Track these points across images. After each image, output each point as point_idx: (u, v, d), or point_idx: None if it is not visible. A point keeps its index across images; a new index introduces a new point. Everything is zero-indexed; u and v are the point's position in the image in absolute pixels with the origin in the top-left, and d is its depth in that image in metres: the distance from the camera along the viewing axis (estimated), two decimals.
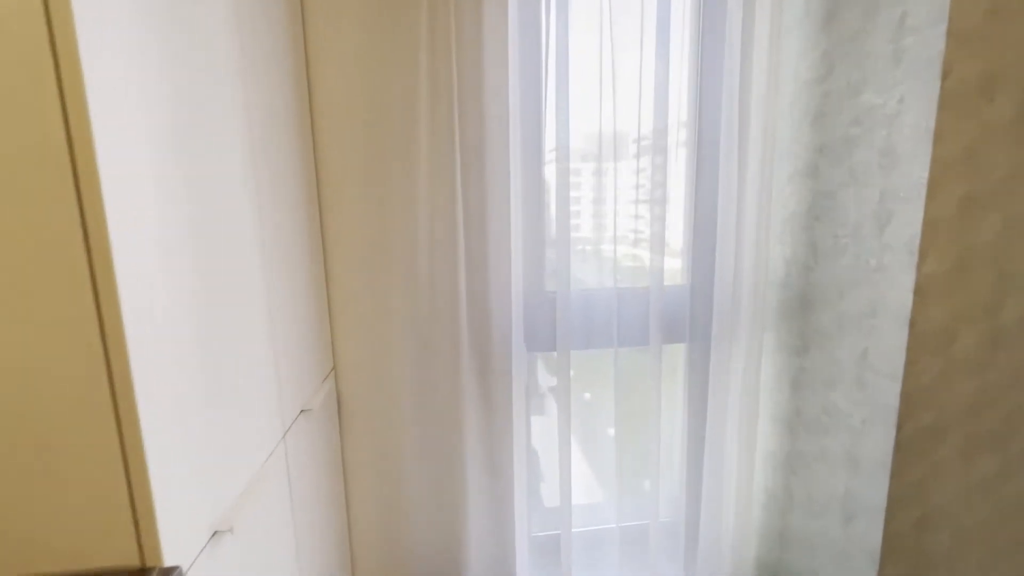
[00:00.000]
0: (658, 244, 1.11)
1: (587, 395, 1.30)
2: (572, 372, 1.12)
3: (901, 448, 0.89)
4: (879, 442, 0.92)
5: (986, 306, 0.87)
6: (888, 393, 0.89)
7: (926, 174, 0.80)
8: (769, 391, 1.21)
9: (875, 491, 0.93)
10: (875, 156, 0.89)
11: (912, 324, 0.85)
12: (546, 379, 1.28)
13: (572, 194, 1.07)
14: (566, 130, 1.03)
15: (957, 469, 0.92)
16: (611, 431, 1.23)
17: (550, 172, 1.07)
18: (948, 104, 0.78)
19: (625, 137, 1.11)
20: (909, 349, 0.85)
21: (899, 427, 0.88)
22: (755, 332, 1.16)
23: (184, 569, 0.45)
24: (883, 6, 0.86)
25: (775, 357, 1.18)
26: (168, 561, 0.43)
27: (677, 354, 1.25)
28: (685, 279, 1.21)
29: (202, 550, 0.50)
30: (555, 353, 1.11)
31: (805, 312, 1.08)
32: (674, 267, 1.21)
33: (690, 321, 1.20)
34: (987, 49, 0.78)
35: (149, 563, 0.42)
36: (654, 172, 1.10)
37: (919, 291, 0.84)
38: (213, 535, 0.53)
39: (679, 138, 1.11)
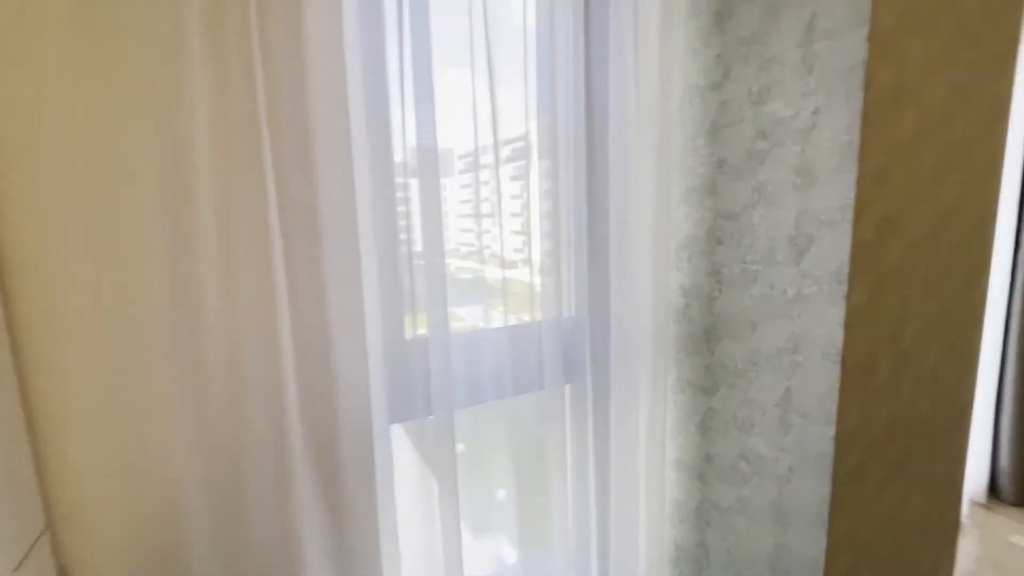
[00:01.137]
0: (551, 270, 0.89)
1: (474, 460, 1.02)
2: (456, 439, 0.82)
3: (837, 496, 0.80)
4: (811, 491, 0.82)
5: (893, 333, 0.82)
6: (820, 437, 0.79)
7: (852, 194, 0.71)
8: (673, 434, 1.08)
9: (811, 545, 0.83)
10: (788, 174, 0.79)
11: (843, 361, 0.75)
12: (420, 456, 0.96)
13: (444, 209, 0.78)
14: (431, 134, 0.74)
15: (875, 504, 0.87)
16: (505, 493, 0.98)
17: (409, 186, 0.77)
18: (868, 117, 0.70)
19: (500, 144, 0.87)
20: (842, 389, 0.76)
21: (834, 476, 0.79)
22: (659, 369, 1.01)
23: None
24: (788, 6, 0.76)
25: (679, 397, 1.05)
26: None
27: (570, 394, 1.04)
28: (578, 310, 1.01)
29: None
30: (431, 418, 0.81)
31: (711, 347, 0.96)
32: (567, 295, 1.01)
33: (591, 357, 1.00)
34: (898, 58, 0.72)
35: None
36: (541, 183, 0.88)
37: (848, 324, 0.75)
38: None
39: (570, 146, 0.90)
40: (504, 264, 0.86)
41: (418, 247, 0.77)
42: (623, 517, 1.02)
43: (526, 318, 0.92)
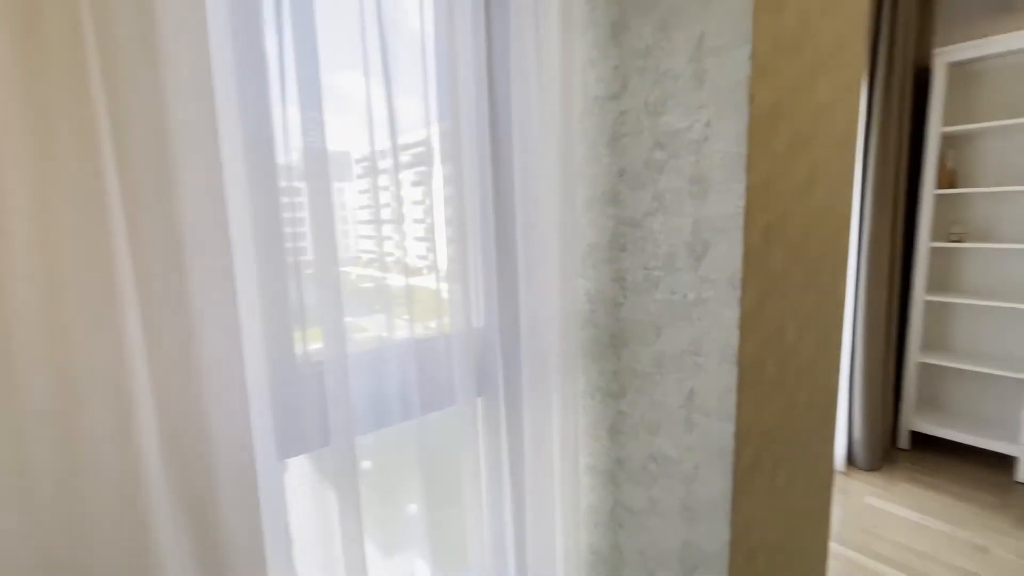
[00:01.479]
0: (458, 279, 0.85)
1: (383, 477, 0.94)
2: (363, 456, 0.75)
3: (737, 488, 0.84)
4: (715, 486, 0.85)
5: (778, 331, 0.89)
6: (721, 434, 0.83)
7: (742, 203, 0.76)
8: (584, 440, 1.08)
9: (715, 538, 0.87)
10: (684, 183, 0.82)
11: (739, 361, 0.80)
12: (318, 488, 0.86)
13: (342, 214, 0.71)
14: (320, 136, 0.67)
15: (767, 491, 0.94)
16: (417, 509, 0.91)
17: (301, 191, 0.69)
18: (753, 131, 0.75)
19: (400, 149, 0.81)
20: (739, 387, 0.81)
21: (735, 469, 0.83)
22: (569, 376, 1.01)
23: None
24: (679, 23, 0.80)
25: (589, 403, 1.06)
26: None
27: (482, 406, 1.00)
28: (488, 320, 0.97)
29: None
30: (329, 449, 0.72)
31: (618, 352, 0.98)
32: (475, 305, 0.97)
33: (502, 367, 0.97)
34: (775, 78, 0.77)
35: None
36: (444, 189, 0.84)
37: (742, 325, 0.79)
38: None
39: (473, 152, 0.87)
40: (408, 272, 0.80)
41: (309, 255, 0.69)
42: (539, 526, 1.01)
43: (432, 327, 0.87)
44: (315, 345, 0.72)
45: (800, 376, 0.98)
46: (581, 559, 1.13)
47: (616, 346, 0.99)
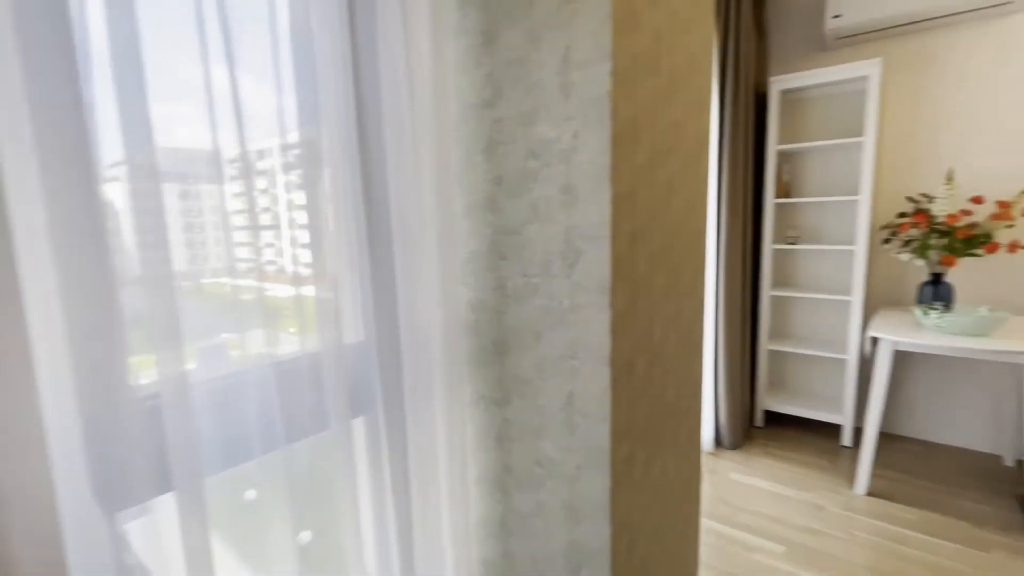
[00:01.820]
0: (328, 292, 0.79)
1: (250, 508, 0.84)
2: (207, 515, 0.65)
3: (615, 484, 0.88)
4: (596, 485, 0.88)
5: (646, 332, 0.95)
6: (599, 434, 0.86)
7: (608, 212, 0.79)
8: (473, 451, 1.07)
9: (597, 535, 0.90)
10: (556, 192, 0.84)
11: (611, 363, 0.83)
12: (161, 546, 0.74)
13: (187, 221, 0.62)
14: (146, 134, 0.58)
15: (643, 483, 0.99)
16: (292, 539, 0.82)
17: (116, 193, 0.59)
18: (616, 143, 0.79)
19: (253, 154, 0.74)
20: (612, 388, 0.84)
21: (612, 465, 0.87)
22: (454, 387, 0.99)
23: None
24: (546, 36, 0.81)
25: (475, 412, 1.04)
26: None
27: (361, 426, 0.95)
28: (365, 334, 0.92)
29: None
30: (174, 494, 0.62)
31: (501, 359, 0.98)
32: (350, 319, 0.91)
33: (382, 383, 0.92)
34: (634, 94, 0.82)
35: None
36: (308, 193, 0.78)
37: (613, 329, 0.83)
38: None
39: (342, 157, 0.81)
40: (271, 283, 0.73)
41: (136, 269, 0.59)
42: (428, 544, 0.97)
43: (300, 345, 0.80)
44: (150, 374, 0.61)
45: (668, 372, 1.05)
46: (473, 572, 1.11)
47: (499, 353, 0.98)
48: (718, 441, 2.71)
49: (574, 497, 0.92)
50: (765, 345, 2.88)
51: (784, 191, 2.84)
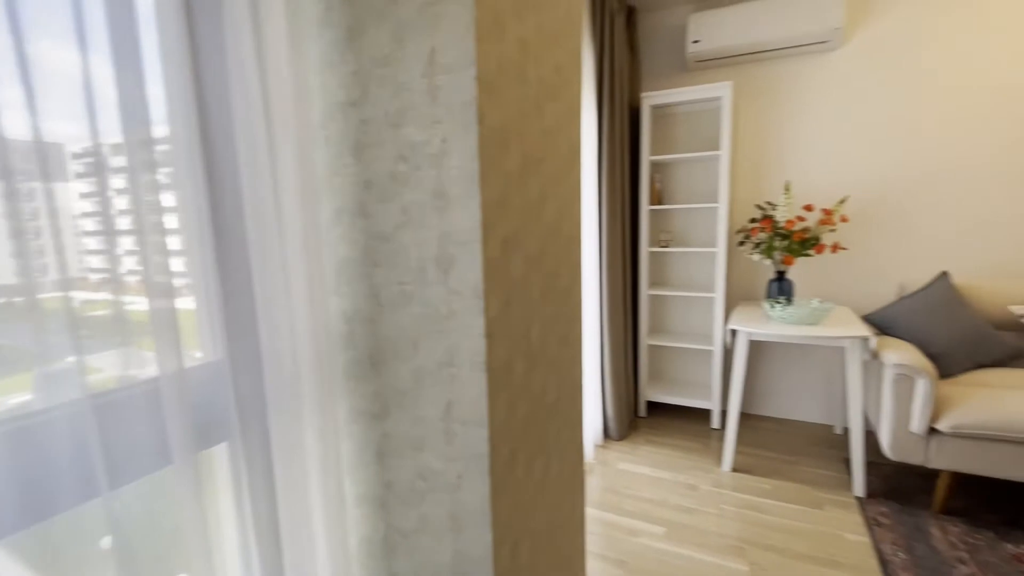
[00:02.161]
0: (165, 310, 0.69)
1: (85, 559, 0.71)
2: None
3: (495, 489, 0.88)
4: (476, 492, 0.88)
5: (523, 335, 0.97)
6: (478, 440, 0.86)
7: (479, 217, 0.79)
8: (352, 469, 1.01)
9: (480, 542, 0.89)
10: (428, 197, 0.83)
11: (487, 367, 0.83)
12: None
13: None
14: None
15: (526, 484, 1.01)
16: None
17: None
18: (485, 149, 0.79)
19: (71, 156, 0.63)
20: (488, 392, 0.84)
21: (491, 471, 0.86)
22: (327, 404, 0.92)
23: None
24: (411, 37, 0.79)
25: (353, 428, 0.99)
26: None
27: (218, 458, 0.85)
28: (217, 353, 0.83)
29: None
30: None
31: (379, 371, 0.94)
32: (200, 337, 0.82)
33: (239, 406, 0.84)
34: (502, 101, 0.83)
35: None
36: (140, 197, 0.68)
37: (488, 334, 0.83)
38: None
39: (184, 158, 0.72)
40: (88, 295, 0.62)
41: None
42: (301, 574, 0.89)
43: (139, 366, 0.69)
44: None
45: (547, 373, 1.08)
46: None
47: (376, 365, 0.94)
48: (606, 433, 2.86)
49: (457, 507, 0.90)
50: (645, 341, 3.11)
51: (657, 198, 3.09)
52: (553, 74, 1.05)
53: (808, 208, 2.61)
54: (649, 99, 2.89)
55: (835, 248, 2.53)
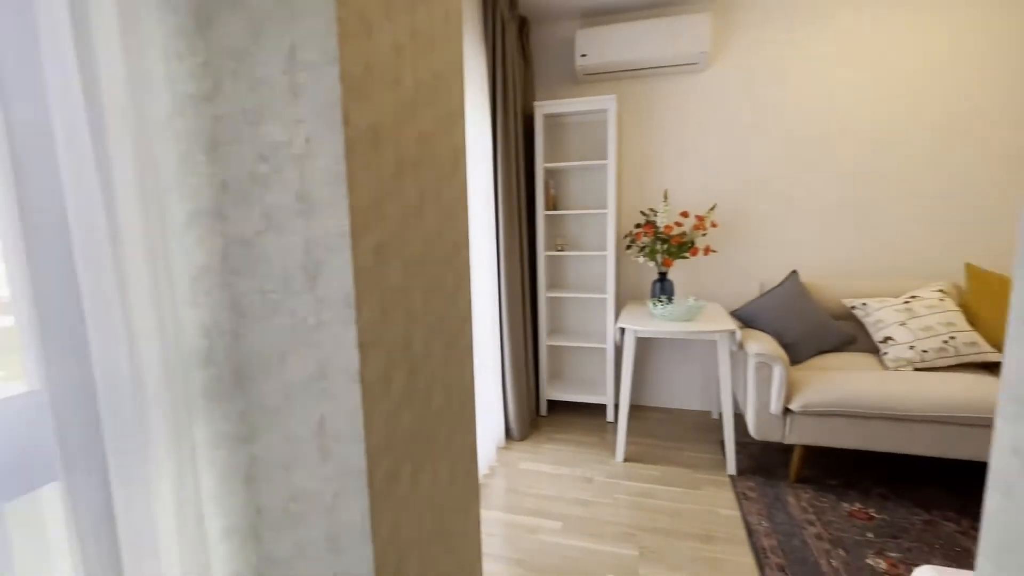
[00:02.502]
0: None
1: None
2: None
3: (375, 505, 0.84)
4: (355, 510, 0.84)
5: (404, 343, 0.94)
6: (355, 456, 0.82)
7: (347, 222, 0.76)
8: (217, 499, 0.92)
9: (361, 561, 0.85)
10: (292, 200, 0.78)
11: (362, 379, 0.80)
12: None
13: None
14: None
15: (411, 496, 0.98)
16: None
17: None
18: (352, 151, 0.76)
19: None
20: (364, 405, 0.81)
21: (370, 486, 0.83)
22: (182, 431, 0.83)
23: None
24: (269, 29, 0.74)
25: (216, 454, 0.90)
26: None
27: (47, 503, 0.73)
28: (34, 382, 0.71)
29: None
30: None
31: (244, 389, 0.86)
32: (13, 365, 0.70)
33: (60, 444, 0.72)
34: (371, 103, 0.81)
35: None
36: None
37: (362, 344, 0.80)
38: None
39: None
40: None
41: None
42: None
43: None
44: None
45: (433, 380, 1.07)
46: None
47: (240, 382, 0.86)
48: (508, 435, 2.90)
49: (335, 528, 0.85)
50: (545, 341, 3.20)
51: (552, 204, 3.20)
52: (432, 79, 1.04)
53: (684, 215, 2.85)
54: (542, 108, 2.99)
55: (707, 251, 2.79)
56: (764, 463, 2.58)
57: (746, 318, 2.80)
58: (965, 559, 1.81)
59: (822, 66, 2.89)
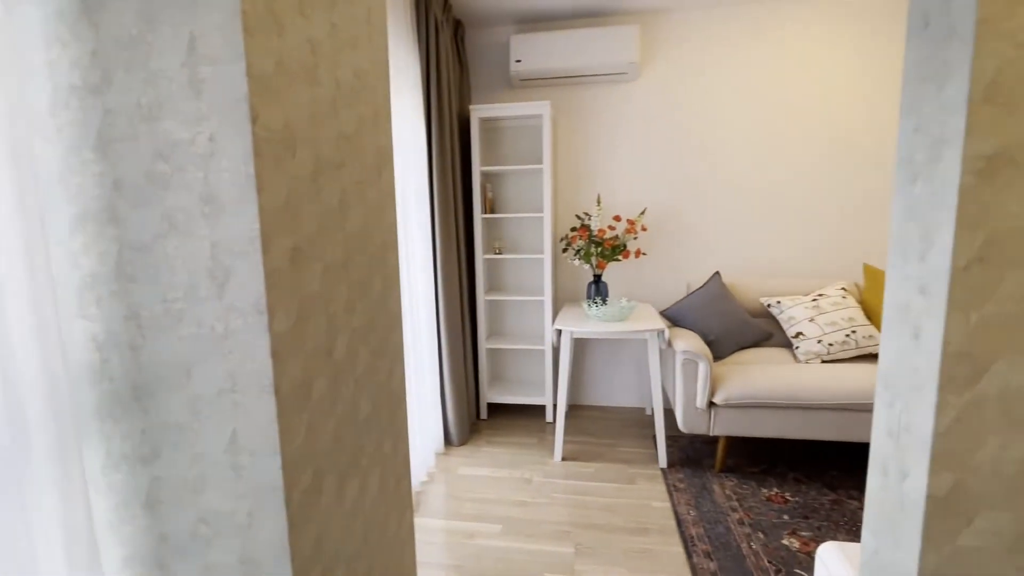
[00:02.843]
0: None
1: None
2: None
3: (294, 518, 0.81)
4: (273, 529, 0.80)
5: (326, 350, 0.91)
6: (270, 470, 0.78)
7: (257, 225, 0.72)
8: (115, 527, 0.84)
9: None
10: (196, 202, 0.73)
11: (277, 390, 0.76)
12: None
13: None
14: None
15: (335, 507, 0.95)
16: None
17: None
18: (262, 152, 0.72)
19: None
20: (279, 416, 0.77)
21: (287, 502, 0.79)
22: (70, 456, 0.76)
23: None
24: (165, 18, 0.69)
25: (113, 478, 0.82)
26: None
27: None
28: None
29: None
30: None
31: (144, 405, 0.80)
32: None
33: None
34: (281, 100, 0.77)
35: None
36: None
37: (276, 352, 0.76)
38: None
39: None
40: None
41: None
42: None
43: None
44: None
45: (359, 387, 1.03)
46: None
47: (141, 399, 0.80)
48: (448, 439, 2.87)
49: (250, 549, 0.81)
50: (484, 344, 3.20)
51: (490, 207, 3.21)
52: (354, 78, 1.01)
53: (616, 218, 2.95)
54: (478, 111, 2.99)
55: (638, 253, 2.90)
56: (692, 455, 2.71)
57: (674, 317, 2.93)
58: None
59: (737, 83, 3.09)
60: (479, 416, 3.27)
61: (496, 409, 3.40)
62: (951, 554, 0.75)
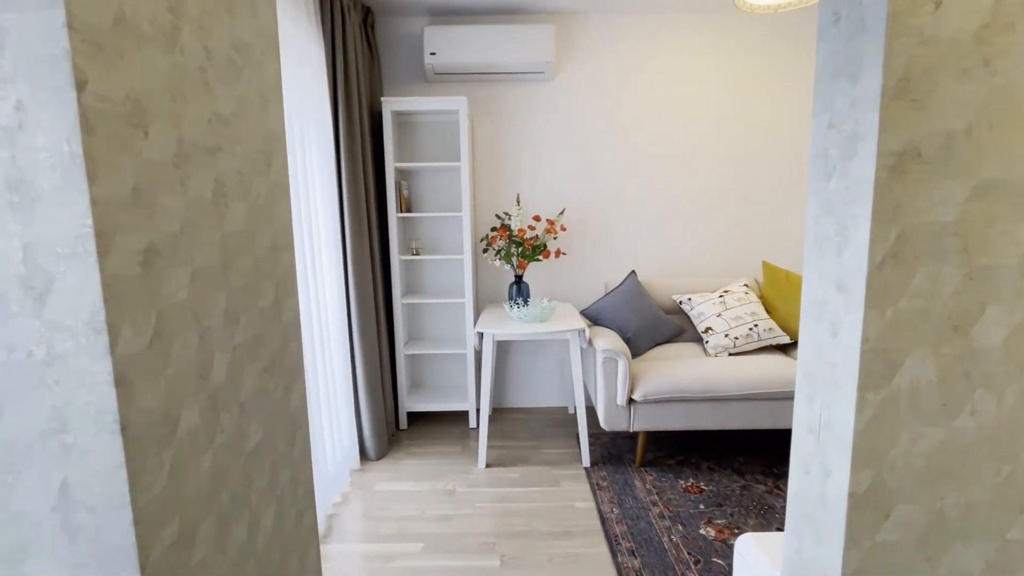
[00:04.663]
0: None
1: None
2: None
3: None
4: None
5: (199, 372, 0.76)
6: (119, 528, 0.62)
7: (89, 221, 0.57)
8: None
9: None
10: (0, 190, 0.56)
11: (125, 426, 0.61)
12: None
13: None
14: None
15: (215, 559, 0.79)
16: None
17: None
18: (95, 128, 0.57)
19: None
20: (129, 459, 0.62)
21: (143, 566, 0.64)
22: None
23: None
24: None
25: None
26: None
27: None
28: None
29: None
30: None
31: None
32: None
33: None
34: (124, 65, 0.62)
35: None
36: None
37: (122, 379, 0.60)
38: None
39: None
40: None
41: None
42: None
43: None
44: None
45: (246, 413, 0.88)
46: None
47: None
48: (364, 454, 2.69)
49: None
50: (403, 350, 3.05)
51: (406, 206, 3.06)
52: (231, 50, 0.86)
53: (536, 218, 2.93)
54: (390, 104, 2.84)
55: (558, 253, 2.90)
56: (614, 452, 2.75)
57: (593, 316, 2.97)
58: (772, 516, 2.11)
59: (648, 86, 3.20)
60: (399, 426, 3.11)
61: (417, 418, 3.26)
62: (871, 549, 0.76)
